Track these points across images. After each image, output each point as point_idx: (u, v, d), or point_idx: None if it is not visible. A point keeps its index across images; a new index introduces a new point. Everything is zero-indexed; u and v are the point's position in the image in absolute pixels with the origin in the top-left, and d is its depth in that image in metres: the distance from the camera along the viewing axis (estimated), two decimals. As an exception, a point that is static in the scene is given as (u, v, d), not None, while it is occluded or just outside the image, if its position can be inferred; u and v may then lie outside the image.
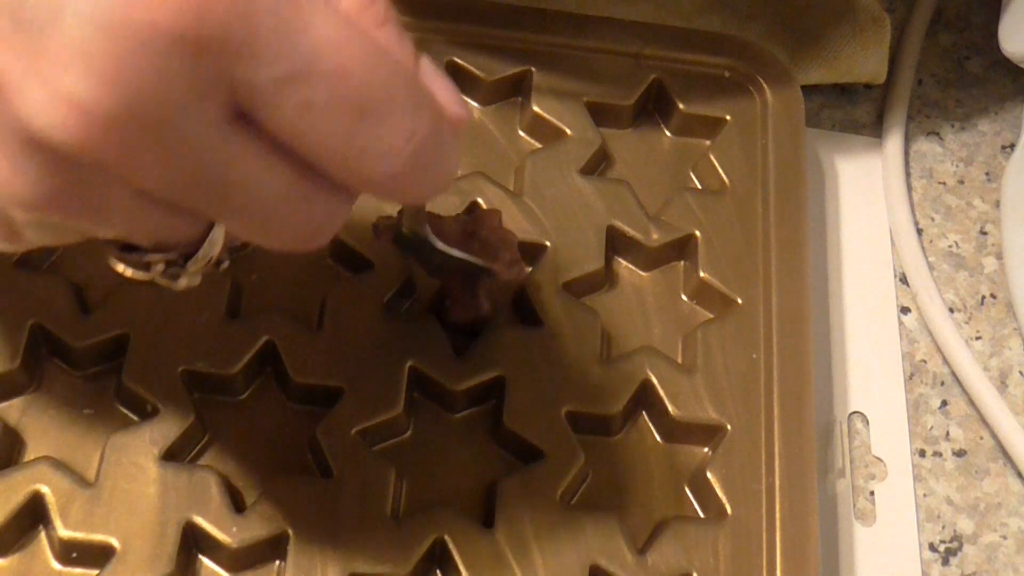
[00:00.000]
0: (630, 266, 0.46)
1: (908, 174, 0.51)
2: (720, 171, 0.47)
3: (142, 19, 0.23)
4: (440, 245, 0.39)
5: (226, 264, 0.30)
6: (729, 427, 0.42)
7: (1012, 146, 0.52)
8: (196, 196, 0.26)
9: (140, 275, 0.29)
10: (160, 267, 0.29)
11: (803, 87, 0.49)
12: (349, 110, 0.25)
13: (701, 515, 0.41)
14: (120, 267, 0.29)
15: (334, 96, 0.25)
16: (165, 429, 0.39)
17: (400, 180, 0.27)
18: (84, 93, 0.23)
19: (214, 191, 0.26)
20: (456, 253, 0.39)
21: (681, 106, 0.48)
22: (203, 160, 0.25)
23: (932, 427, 0.46)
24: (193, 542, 0.38)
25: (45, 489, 0.37)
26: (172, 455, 0.39)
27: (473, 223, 0.41)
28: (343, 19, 0.25)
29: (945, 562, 0.43)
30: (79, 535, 0.37)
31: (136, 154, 0.24)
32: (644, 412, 0.43)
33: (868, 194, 0.51)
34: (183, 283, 0.30)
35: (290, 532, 0.38)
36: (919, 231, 0.50)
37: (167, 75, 0.23)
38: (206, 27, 0.23)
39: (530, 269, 0.44)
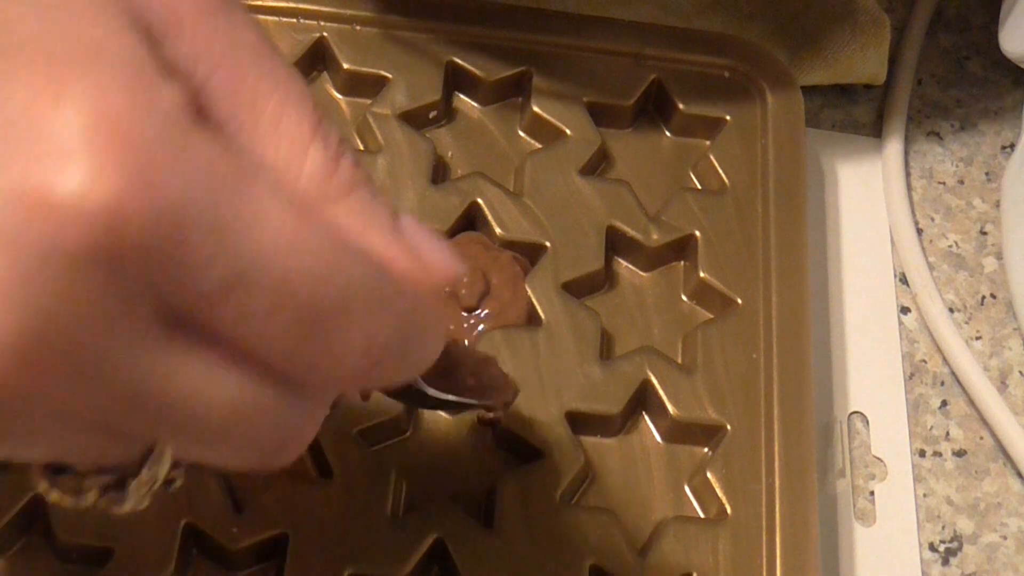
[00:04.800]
0: (630, 266, 0.46)
1: (908, 174, 0.51)
2: (720, 171, 0.47)
3: (44, 237, 0.19)
4: (433, 393, 0.35)
5: (179, 483, 0.25)
6: (729, 427, 0.42)
7: (1012, 146, 0.52)
8: (132, 419, 0.22)
9: (71, 502, 0.24)
10: (95, 495, 0.24)
11: (803, 87, 0.49)
12: (296, 320, 0.21)
13: (701, 515, 0.41)
14: (48, 492, 0.24)
15: (279, 306, 0.21)
16: (165, 429, 0.39)
17: (365, 376, 0.23)
18: None
19: (152, 412, 0.22)
20: (452, 399, 0.36)
21: (681, 106, 0.48)
22: (135, 380, 0.21)
23: (932, 427, 0.46)
24: (193, 542, 0.38)
25: (45, 489, 0.37)
26: (172, 455, 0.39)
27: (475, 368, 0.40)
28: (295, 209, 0.22)
29: (945, 562, 0.43)
30: (78, 536, 0.37)
31: (54, 384, 0.20)
32: (644, 412, 0.43)
33: (868, 194, 0.50)
34: (128, 507, 0.25)
35: (290, 532, 0.38)
36: (919, 231, 0.50)
37: (80, 296, 0.20)
38: (123, 239, 0.20)
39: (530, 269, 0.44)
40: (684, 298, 0.45)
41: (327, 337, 0.22)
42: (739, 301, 0.44)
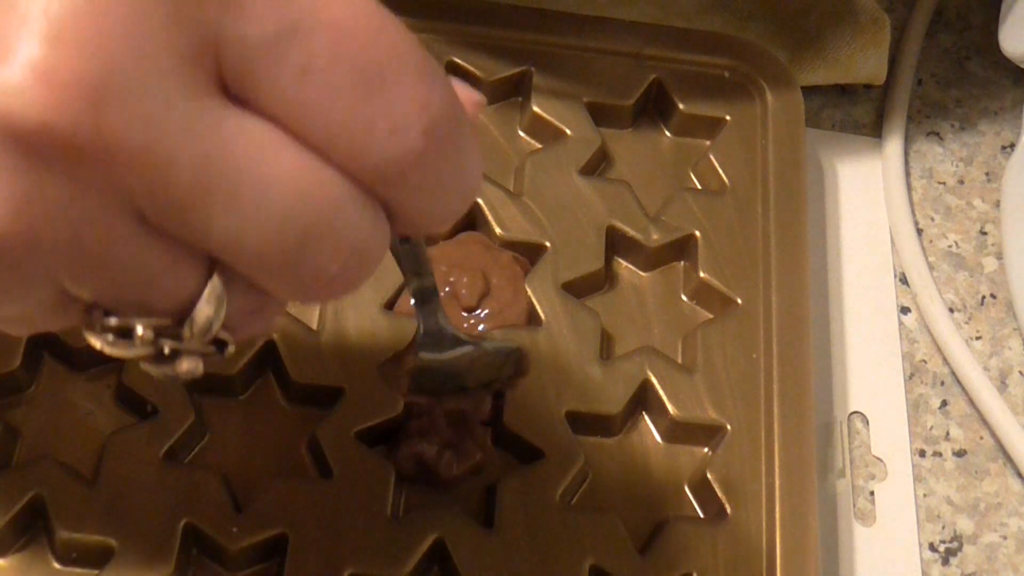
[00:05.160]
0: (630, 266, 0.46)
1: (908, 174, 0.51)
2: (720, 171, 0.47)
3: None
4: (464, 337, 0.33)
5: (231, 349, 0.24)
6: (729, 427, 0.42)
7: (1012, 146, 0.52)
8: (192, 207, 0.21)
9: (123, 350, 0.23)
10: (149, 334, 0.23)
11: (803, 87, 0.49)
12: (354, 74, 0.21)
13: (701, 515, 0.41)
14: (96, 339, 0.23)
15: (337, 56, 0.21)
16: (165, 429, 0.39)
17: (417, 165, 0.22)
18: (48, 57, 0.20)
19: (215, 192, 0.21)
20: (481, 344, 0.34)
21: (681, 106, 0.48)
22: (196, 144, 0.21)
23: (932, 427, 0.46)
24: (193, 542, 0.38)
25: (45, 489, 0.37)
26: (172, 455, 0.39)
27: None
28: None
29: (945, 562, 0.43)
30: (79, 535, 0.37)
31: (113, 138, 0.20)
32: (644, 412, 0.43)
33: (868, 194, 0.50)
34: (183, 366, 0.23)
35: (290, 532, 0.38)
36: (919, 231, 0.50)
37: (141, 27, 0.20)
38: None
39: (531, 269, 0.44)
40: (684, 298, 0.45)
41: (383, 97, 0.22)
42: (739, 301, 0.44)
